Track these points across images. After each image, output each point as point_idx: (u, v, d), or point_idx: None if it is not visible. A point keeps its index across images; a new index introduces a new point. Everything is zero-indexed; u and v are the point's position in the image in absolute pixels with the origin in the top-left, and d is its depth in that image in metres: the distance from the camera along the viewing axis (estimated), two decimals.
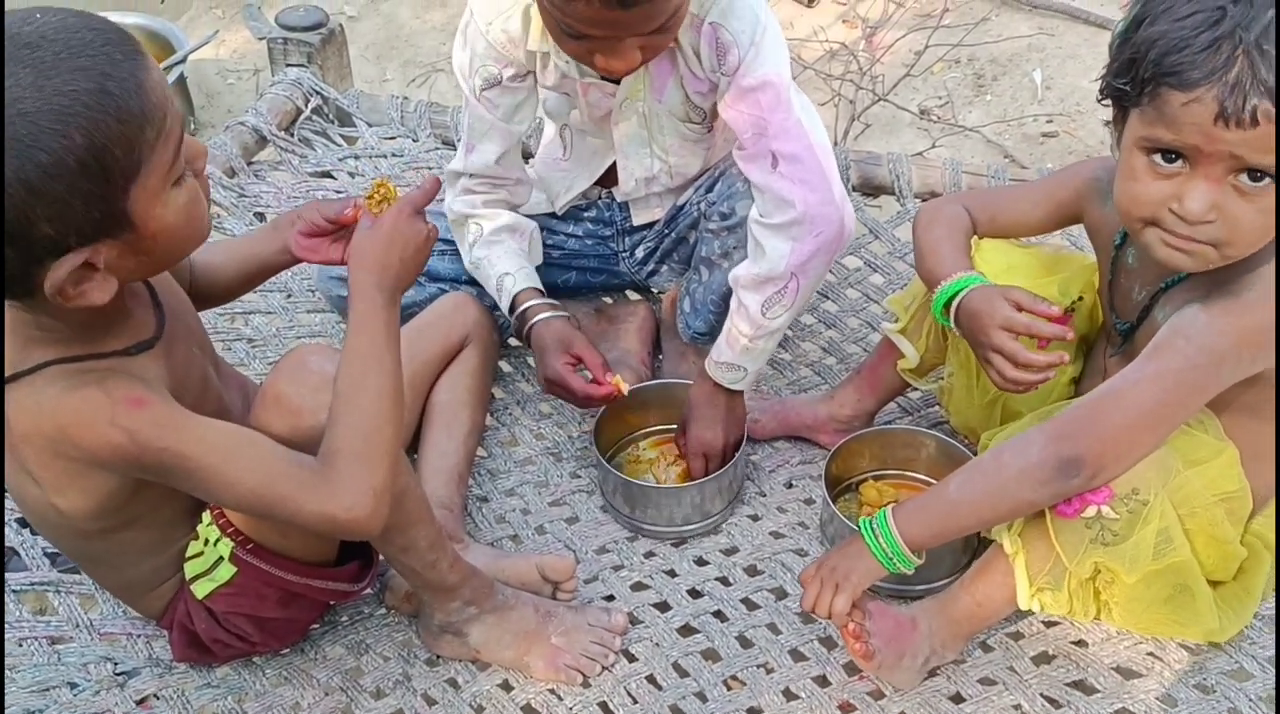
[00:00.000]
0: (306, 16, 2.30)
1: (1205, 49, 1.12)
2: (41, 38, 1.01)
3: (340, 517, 1.20)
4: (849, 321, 1.99)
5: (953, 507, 1.34)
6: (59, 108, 0.99)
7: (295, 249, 1.38)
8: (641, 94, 1.68)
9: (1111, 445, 1.27)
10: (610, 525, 1.69)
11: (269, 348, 1.92)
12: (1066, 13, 3.27)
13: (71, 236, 1.04)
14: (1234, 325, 1.24)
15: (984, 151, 2.91)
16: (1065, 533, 1.32)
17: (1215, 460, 1.34)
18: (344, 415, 1.22)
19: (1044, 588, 1.37)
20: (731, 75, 1.56)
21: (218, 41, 3.38)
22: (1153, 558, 1.31)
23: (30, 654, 1.46)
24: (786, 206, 1.55)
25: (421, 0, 3.62)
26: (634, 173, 1.79)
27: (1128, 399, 1.27)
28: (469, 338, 1.76)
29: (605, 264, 1.96)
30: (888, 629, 1.41)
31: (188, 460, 1.16)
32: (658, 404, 1.78)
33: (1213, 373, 1.26)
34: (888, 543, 1.35)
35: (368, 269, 1.26)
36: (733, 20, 1.54)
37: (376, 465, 1.21)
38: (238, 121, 2.23)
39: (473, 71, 1.68)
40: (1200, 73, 1.12)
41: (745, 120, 1.57)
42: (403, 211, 1.27)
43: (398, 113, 2.30)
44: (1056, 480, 1.28)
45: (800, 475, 1.76)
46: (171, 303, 1.30)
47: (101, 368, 1.16)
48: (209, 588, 1.35)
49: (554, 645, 1.47)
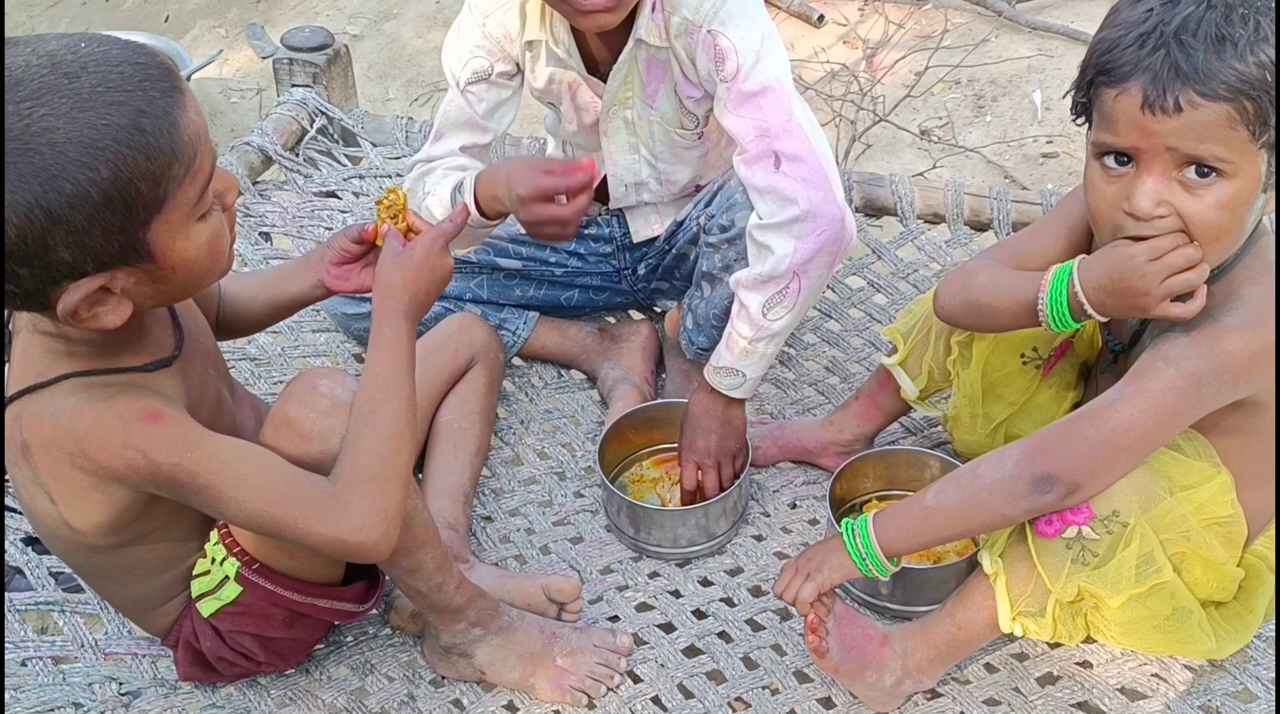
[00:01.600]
0: (312, 37, 2.31)
1: (1131, 45, 1.18)
2: (82, 68, 1.02)
3: (349, 539, 1.20)
4: (852, 341, 2.00)
5: (927, 514, 1.35)
6: (88, 140, 1.00)
7: (328, 281, 1.40)
8: (630, 99, 1.69)
9: (1086, 463, 1.28)
10: (614, 546, 1.70)
11: (274, 367, 1.92)
12: (1066, 34, 3.29)
13: (89, 263, 1.05)
14: (1212, 349, 1.25)
15: (984, 172, 2.92)
16: (1046, 553, 1.32)
17: (1206, 485, 1.34)
18: (361, 437, 1.22)
19: (1025, 612, 1.37)
20: (730, 81, 1.56)
21: (221, 60, 3.40)
22: (1135, 580, 1.31)
23: (35, 674, 1.46)
24: (790, 204, 1.54)
25: (424, 20, 3.64)
26: (622, 178, 1.80)
27: (1105, 418, 1.28)
28: (475, 358, 1.76)
29: (608, 282, 1.97)
30: (853, 636, 1.41)
31: (199, 477, 1.17)
32: (661, 423, 1.78)
33: (1193, 396, 1.26)
34: (864, 544, 1.36)
35: (396, 296, 1.27)
36: (731, 28, 1.55)
37: (390, 489, 1.22)
38: (243, 141, 2.24)
39: (462, 64, 1.69)
40: (1128, 66, 1.18)
41: (747, 125, 1.56)
42: (435, 243, 1.29)
43: (402, 133, 2.32)
44: (1030, 495, 1.29)
45: (804, 496, 1.76)
46: (190, 324, 1.31)
47: (119, 383, 1.18)
48: (215, 606, 1.36)
49: (559, 667, 1.47)
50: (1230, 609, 1.43)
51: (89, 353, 1.17)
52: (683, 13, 1.57)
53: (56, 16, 3.73)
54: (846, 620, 1.42)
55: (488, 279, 1.92)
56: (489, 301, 1.92)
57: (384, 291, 1.27)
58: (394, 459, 1.23)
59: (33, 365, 1.18)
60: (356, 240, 1.36)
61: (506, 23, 1.64)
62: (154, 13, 3.75)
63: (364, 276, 1.39)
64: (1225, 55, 1.14)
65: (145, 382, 1.19)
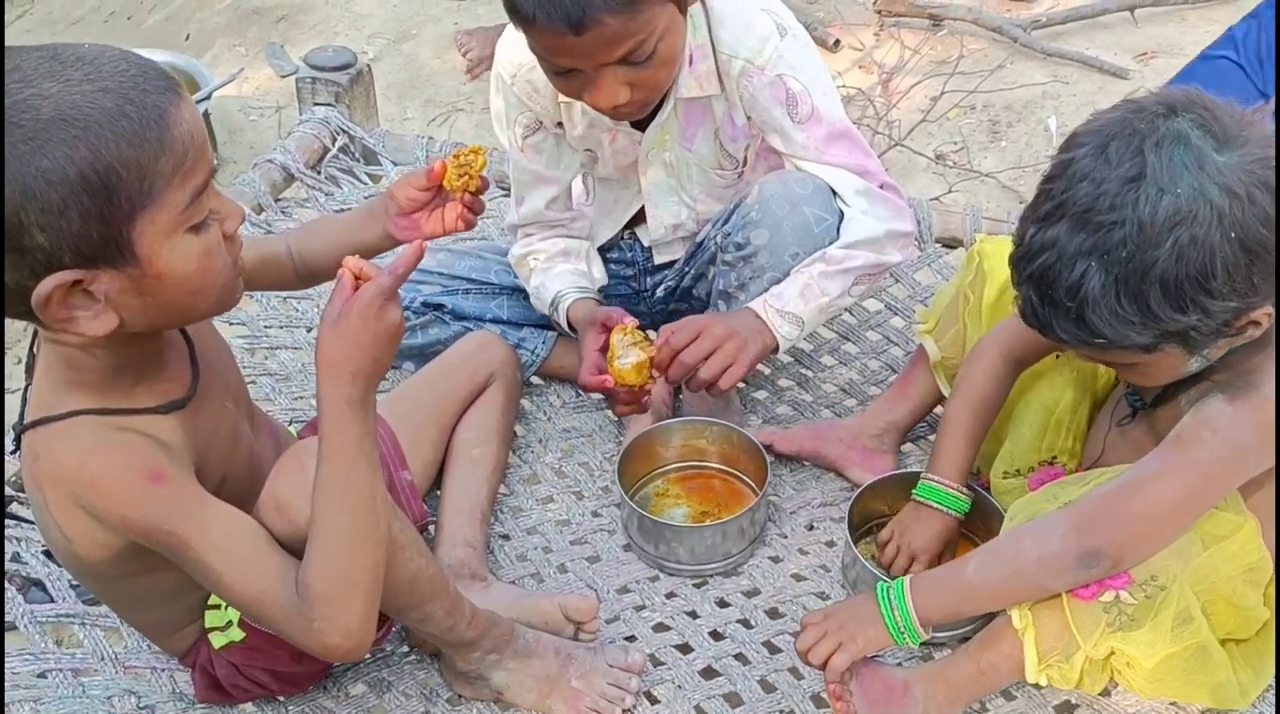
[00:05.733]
0: (335, 57, 2.33)
1: (1016, 259, 1.25)
2: (78, 59, 1.03)
3: (317, 651, 1.20)
4: (870, 363, 2.00)
5: (970, 589, 1.35)
6: (70, 118, 1.00)
7: (396, 233, 1.37)
8: (669, 143, 1.70)
9: (1133, 537, 1.28)
10: (632, 565, 1.70)
11: (294, 382, 1.93)
12: (1080, 61, 3.30)
13: (66, 252, 1.03)
14: (1256, 419, 1.25)
15: (999, 197, 2.93)
16: (1081, 614, 1.31)
17: (1236, 535, 1.33)
18: (313, 553, 1.17)
19: (1053, 664, 1.36)
20: (806, 123, 1.60)
21: (241, 79, 3.42)
22: (1171, 641, 1.30)
23: (55, 686, 1.46)
24: (902, 216, 1.67)
25: (442, 41, 3.67)
26: (663, 220, 1.81)
27: (1152, 491, 1.27)
28: (493, 376, 1.77)
29: (627, 303, 1.97)
30: (876, 691, 1.40)
31: (189, 550, 1.17)
32: (679, 442, 1.79)
33: (1238, 466, 1.27)
34: (902, 616, 1.35)
35: (335, 379, 1.14)
36: (800, 71, 1.59)
37: (346, 605, 1.17)
38: (266, 159, 2.25)
39: (511, 122, 1.70)
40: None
41: (844, 165, 1.64)
42: (372, 304, 1.13)
43: (423, 152, 2.33)
44: (1076, 569, 1.29)
45: (821, 517, 1.76)
46: (210, 357, 1.29)
47: (131, 428, 1.16)
48: (224, 641, 1.36)
49: (574, 689, 1.47)
50: (1250, 647, 1.42)
51: (100, 384, 1.16)
52: (744, 56, 1.59)
53: (79, 34, 3.76)
54: (868, 675, 1.40)
55: (508, 300, 1.93)
56: (508, 321, 1.93)
57: (325, 375, 1.14)
58: (346, 572, 1.16)
59: (45, 394, 1.17)
60: (422, 188, 1.31)
61: (534, 79, 1.63)
62: (175, 31, 3.78)
63: (432, 222, 1.36)
64: (1063, 321, 1.21)
65: (155, 428, 1.18)
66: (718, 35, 1.59)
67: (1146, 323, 1.17)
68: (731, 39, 1.59)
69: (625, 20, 1.38)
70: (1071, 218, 1.17)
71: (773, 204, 1.64)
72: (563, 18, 1.36)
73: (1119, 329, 1.17)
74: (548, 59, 1.46)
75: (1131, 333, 1.17)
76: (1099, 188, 1.16)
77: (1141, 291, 1.15)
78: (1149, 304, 1.15)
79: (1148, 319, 1.17)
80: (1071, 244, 1.16)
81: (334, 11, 3.83)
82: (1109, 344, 1.19)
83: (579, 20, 1.36)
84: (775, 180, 1.66)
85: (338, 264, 1.36)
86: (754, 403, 1.95)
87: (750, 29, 1.59)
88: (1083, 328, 1.18)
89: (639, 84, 1.48)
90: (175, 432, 1.20)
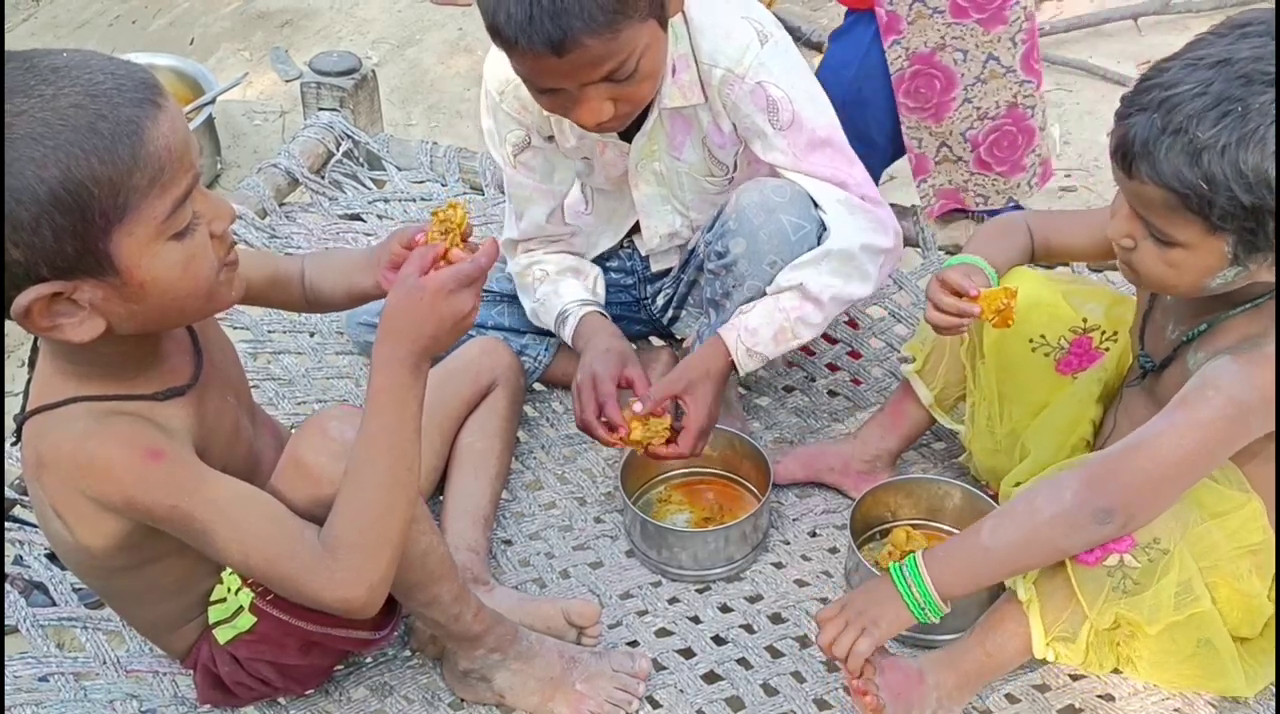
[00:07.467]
0: (340, 62, 2.34)
1: (1135, 93, 1.25)
2: (54, 71, 1.03)
3: (333, 605, 1.21)
4: (873, 371, 2.00)
5: (986, 554, 1.34)
6: (39, 137, 1.00)
7: (383, 283, 1.37)
8: (657, 153, 1.70)
9: (1141, 494, 1.29)
10: (634, 570, 1.70)
11: (297, 387, 1.94)
12: (1084, 69, 3.31)
13: (43, 267, 1.03)
14: (1261, 377, 1.26)
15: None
16: (1087, 581, 1.32)
17: (1238, 512, 1.34)
18: (348, 502, 1.20)
19: (1060, 637, 1.37)
20: (787, 130, 1.59)
21: (245, 83, 3.43)
22: (1174, 609, 1.31)
23: (57, 689, 1.46)
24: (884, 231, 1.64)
25: (446, 46, 3.67)
26: (657, 230, 1.82)
27: (1158, 448, 1.29)
28: (496, 382, 1.77)
29: (628, 311, 1.97)
30: (896, 683, 1.39)
31: (195, 522, 1.17)
32: None
33: (1240, 424, 1.28)
34: (920, 591, 1.34)
35: (394, 340, 1.17)
36: (780, 77, 1.58)
37: (375, 558, 1.20)
38: (270, 163, 2.26)
39: (501, 139, 1.71)
40: (1122, 110, 1.25)
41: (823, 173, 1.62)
42: (445, 286, 1.17)
43: (427, 157, 2.34)
44: (1090, 527, 1.29)
45: (824, 524, 1.76)
46: (213, 351, 1.30)
47: (127, 411, 1.16)
48: (230, 634, 1.36)
49: (578, 692, 1.47)
50: (1255, 645, 1.43)
51: (100, 376, 1.16)
52: (724, 65, 1.59)
53: (83, 38, 3.77)
54: (888, 668, 1.40)
55: (509, 308, 1.93)
56: (510, 328, 1.93)
57: (385, 335, 1.17)
58: (380, 524, 1.19)
59: (46, 385, 1.18)
60: (406, 246, 1.33)
61: (522, 96, 1.62)
62: (179, 36, 3.79)
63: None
64: (1173, 151, 1.18)
65: (154, 412, 1.18)
66: (698, 45, 1.59)
67: (1250, 188, 1.16)
68: (712, 48, 1.59)
69: (606, 41, 1.39)
70: (1233, 67, 1.17)
71: (749, 213, 1.63)
72: (544, 41, 1.36)
73: (1227, 182, 1.16)
74: (531, 80, 1.47)
75: (1234, 189, 1.16)
76: (1264, 49, 1.17)
77: (1265, 156, 1.15)
78: (1265, 172, 1.15)
79: (1252, 186, 1.16)
80: (1227, 89, 1.16)
81: (338, 17, 3.83)
82: (1193, 198, 1.18)
83: (560, 43, 1.36)
84: (753, 188, 1.65)
85: (341, 300, 1.40)
86: (756, 409, 1.95)
87: (730, 37, 1.58)
88: (1192, 166, 1.17)
89: (623, 99, 1.49)
90: (175, 417, 1.21)
